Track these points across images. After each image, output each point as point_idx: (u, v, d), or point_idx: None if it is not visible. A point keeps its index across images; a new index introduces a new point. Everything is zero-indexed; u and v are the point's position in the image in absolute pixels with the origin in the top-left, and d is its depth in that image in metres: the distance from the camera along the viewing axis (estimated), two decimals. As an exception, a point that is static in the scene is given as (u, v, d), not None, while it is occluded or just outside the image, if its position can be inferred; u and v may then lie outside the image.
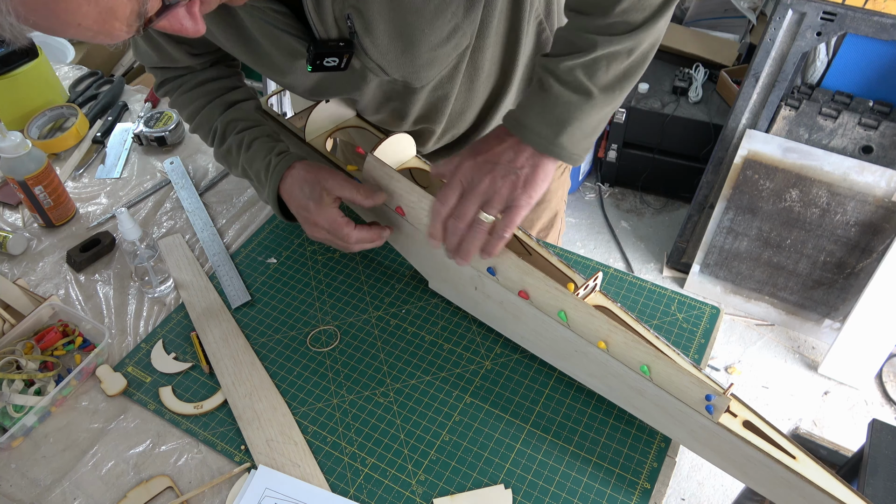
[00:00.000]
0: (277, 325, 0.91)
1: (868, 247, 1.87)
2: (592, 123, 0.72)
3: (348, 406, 0.82)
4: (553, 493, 0.74)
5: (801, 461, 0.66)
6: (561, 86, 0.70)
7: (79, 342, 0.89)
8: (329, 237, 0.84)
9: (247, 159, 0.87)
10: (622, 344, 0.72)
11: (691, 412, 0.69)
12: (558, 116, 0.70)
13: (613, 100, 0.72)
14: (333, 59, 0.73)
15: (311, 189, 0.82)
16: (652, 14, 0.68)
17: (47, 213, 1.05)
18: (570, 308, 0.75)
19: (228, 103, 0.91)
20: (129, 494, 0.74)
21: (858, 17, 1.62)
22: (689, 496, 1.77)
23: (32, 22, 0.44)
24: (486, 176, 0.71)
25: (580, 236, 2.46)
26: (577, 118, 0.70)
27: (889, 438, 1.12)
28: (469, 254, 0.74)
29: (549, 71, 0.70)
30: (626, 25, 0.68)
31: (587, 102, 0.70)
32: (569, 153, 0.72)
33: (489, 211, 0.72)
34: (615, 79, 0.71)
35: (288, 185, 0.84)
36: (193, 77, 0.91)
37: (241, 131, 0.89)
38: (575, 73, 0.69)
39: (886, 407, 1.95)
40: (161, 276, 0.95)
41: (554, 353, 0.82)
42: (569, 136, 0.71)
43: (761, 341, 2.12)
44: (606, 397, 0.81)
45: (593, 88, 0.70)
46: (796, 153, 1.82)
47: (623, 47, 0.69)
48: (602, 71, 0.69)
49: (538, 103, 0.71)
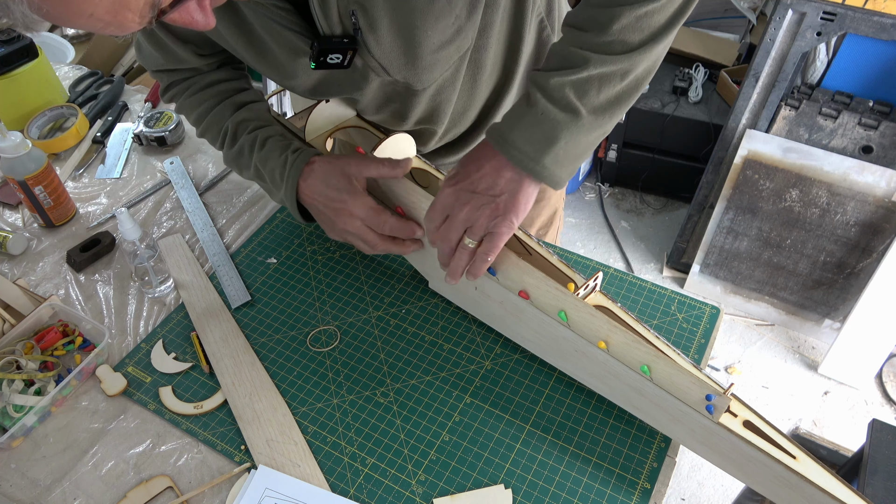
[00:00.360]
0: (277, 325, 0.91)
1: (868, 247, 1.87)
2: (580, 146, 0.71)
3: (348, 406, 0.82)
4: (553, 493, 0.74)
5: (801, 461, 0.66)
6: (549, 102, 0.68)
7: (79, 342, 0.89)
8: (361, 228, 0.81)
9: (260, 158, 0.85)
10: (622, 344, 0.72)
11: (691, 412, 0.69)
12: (544, 134, 0.69)
13: (602, 124, 0.71)
14: (337, 55, 0.73)
15: (339, 180, 0.80)
16: (650, 36, 0.67)
17: (47, 213, 1.05)
18: (571, 308, 0.75)
19: (239, 104, 0.90)
20: (129, 494, 0.74)
21: (858, 17, 1.62)
22: (689, 496, 1.77)
23: (45, 11, 0.44)
24: (465, 206, 0.72)
25: (580, 236, 2.46)
26: (563, 138, 0.69)
27: (889, 438, 1.12)
28: (456, 274, 0.77)
29: (538, 85, 0.69)
30: (622, 45, 0.66)
31: (574, 123, 0.68)
32: (551, 175, 0.70)
33: (471, 237, 0.73)
34: (606, 102, 0.69)
35: (310, 181, 0.81)
36: (202, 79, 0.90)
37: (253, 130, 0.87)
38: (564, 91, 0.67)
39: (886, 407, 1.96)
40: (161, 276, 0.95)
41: (554, 352, 0.82)
42: (553, 157, 0.70)
43: (761, 341, 2.12)
44: (606, 397, 0.81)
45: (582, 109, 0.68)
46: (796, 153, 1.82)
47: (617, 69, 0.67)
48: (593, 92, 0.68)
49: (524, 118, 0.69)
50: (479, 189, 0.71)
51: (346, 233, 0.82)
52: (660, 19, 0.67)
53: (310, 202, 0.83)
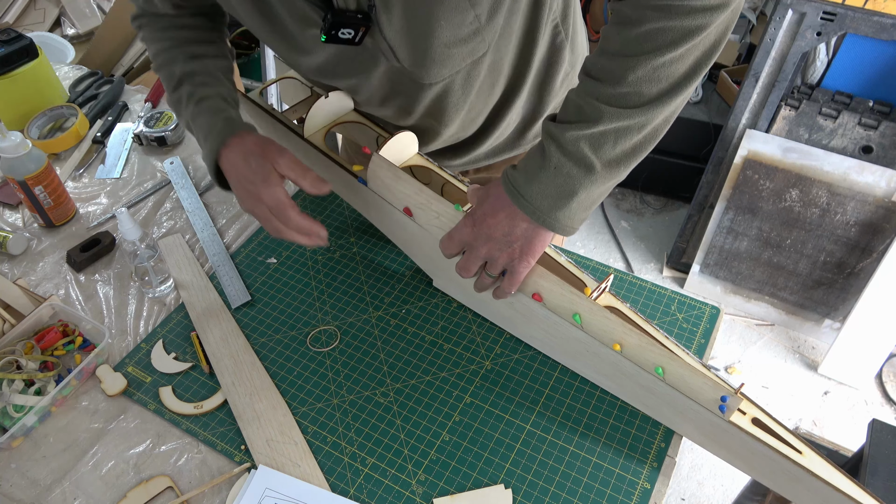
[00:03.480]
0: (277, 325, 0.91)
1: (868, 247, 1.87)
2: (592, 197, 0.70)
3: (348, 406, 0.82)
4: (553, 493, 0.74)
5: (807, 456, 0.68)
6: (563, 156, 0.67)
7: (79, 342, 0.89)
8: (267, 215, 0.80)
9: (192, 114, 0.85)
10: (637, 346, 0.73)
11: (703, 411, 0.70)
12: (558, 189, 0.69)
13: (617, 175, 0.70)
14: (349, 30, 0.71)
15: (258, 163, 0.79)
16: (669, 88, 0.65)
17: (47, 213, 1.05)
18: (586, 311, 0.75)
19: (193, 55, 0.88)
20: (129, 494, 0.74)
21: (858, 17, 1.62)
22: (689, 496, 1.77)
23: None
24: (483, 246, 0.74)
25: (580, 236, 2.46)
26: (577, 192, 0.69)
27: (889, 438, 1.12)
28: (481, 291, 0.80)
29: (553, 138, 0.68)
30: (638, 98, 0.65)
31: (588, 177, 0.68)
32: (563, 226, 0.71)
33: (490, 272, 0.76)
34: (622, 154, 0.68)
35: (232, 154, 0.81)
36: (170, 19, 0.89)
37: (197, 85, 0.86)
38: (579, 145, 0.67)
39: (886, 407, 1.96)
40: (161, 276, 0.95)
41: (563, 352, 0.82)
42: (566, 211, 0.70)
43: (761, 341, 2.12)
44: (615, 394, 0.81)
45: (597, 163, 0.67)
46: (796, 153, 1.82)
47: (633, 123, 0.66)
48: (609, 146, 0.67)
49: (539, 173, 0.69)
50: (496, 235, 0.73)
51: (253, 213, 0.82)
52: (679, 69, 0.64)
53: (227, 172, 0.82)
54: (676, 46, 0.62)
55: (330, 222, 1.05)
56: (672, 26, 0.61)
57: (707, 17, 0.62)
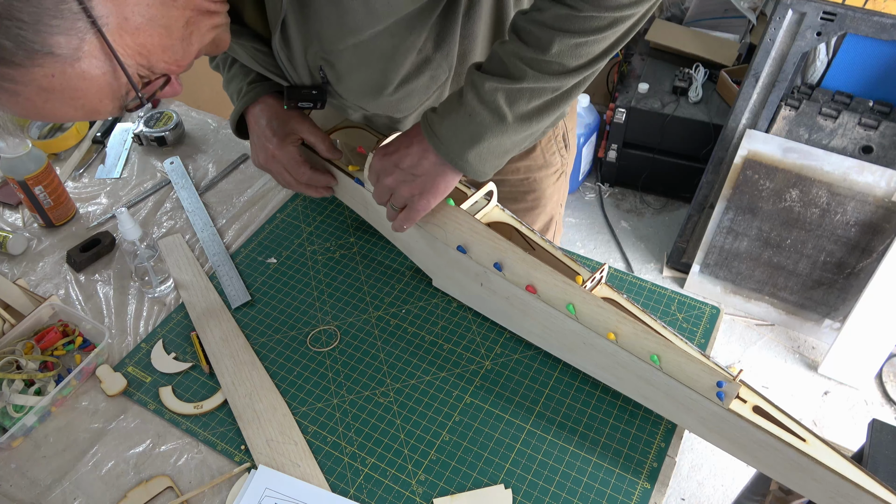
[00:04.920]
0: (277, 325, 0.91)
1: (868, 247, 1.87)
2: (504, 146, 0.74)
3: (348, 406, 0.82)
4: (553, 493, 0.74)
5: (811, 443, 0.66)
6: (480, 104, 0.71)
7: (79, 342, 0.89)
8: (280, 170, 0.90)
9: (226, 80, 0.93)
10: (631, 334, 0.72)
11: (702, 399, 0.70)
12: (470, 134, 0.72)
13: (528, 128, 0.73)
14: (308, 103, 0.79)
15: (280, 125, 0.88)
16: (587, 62, 0.69)
17: (47, 213, 1.05)
18: (579, 301, 0.75)
19: None
20: (129, 494, 0.74)
21: (858, 17, 1.62)
22: (689, 496, 1.77)
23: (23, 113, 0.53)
24: (388, 177, 0.79)
25: (580, 236, 2.46)
26: (487, 139, 0.72)
27: (889, 438, 1.12)
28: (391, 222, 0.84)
29: (473, 86, 0.71)
30: (559, 67, 0.69)
31: (499, 126, 0.71)
32: (474, 168, 0.74)
33: (394, 203, 0.81)
34: (534, 110, 0.72)
35: (258, 111, 0.89)
36: None
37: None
38: (496, 96, 0.70)
39: (886, 407, 1.95)
40: (161, 276, 0.95)
41: (561, 346, 0.82)
42: (476, 154, 0.73)
43: (761, 341, 2.12)
44: (614, 388, 0.81)
45: (509, 115, 0.71)
46: (796, 153, 1.82)
47: (549, 86, 0.70)
48: (523, 102, 0.71)
49: (453, 114, 0.72)
50: (403, 165, 0.77)
51: (266, 168, 0.92)
52: (597, 49, 0.69)
53: (250, 127, 0.91)
54: (602, 31, 0.67)
55: (330, 222, 1.05)
56: (603, 16, 0.65)
57: (635, 9, 0.66)
